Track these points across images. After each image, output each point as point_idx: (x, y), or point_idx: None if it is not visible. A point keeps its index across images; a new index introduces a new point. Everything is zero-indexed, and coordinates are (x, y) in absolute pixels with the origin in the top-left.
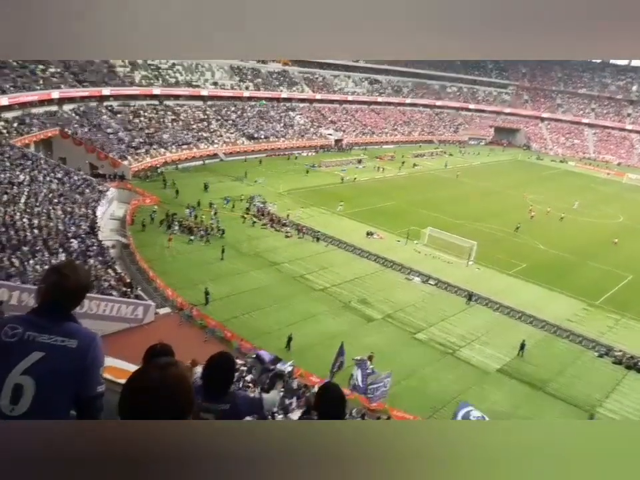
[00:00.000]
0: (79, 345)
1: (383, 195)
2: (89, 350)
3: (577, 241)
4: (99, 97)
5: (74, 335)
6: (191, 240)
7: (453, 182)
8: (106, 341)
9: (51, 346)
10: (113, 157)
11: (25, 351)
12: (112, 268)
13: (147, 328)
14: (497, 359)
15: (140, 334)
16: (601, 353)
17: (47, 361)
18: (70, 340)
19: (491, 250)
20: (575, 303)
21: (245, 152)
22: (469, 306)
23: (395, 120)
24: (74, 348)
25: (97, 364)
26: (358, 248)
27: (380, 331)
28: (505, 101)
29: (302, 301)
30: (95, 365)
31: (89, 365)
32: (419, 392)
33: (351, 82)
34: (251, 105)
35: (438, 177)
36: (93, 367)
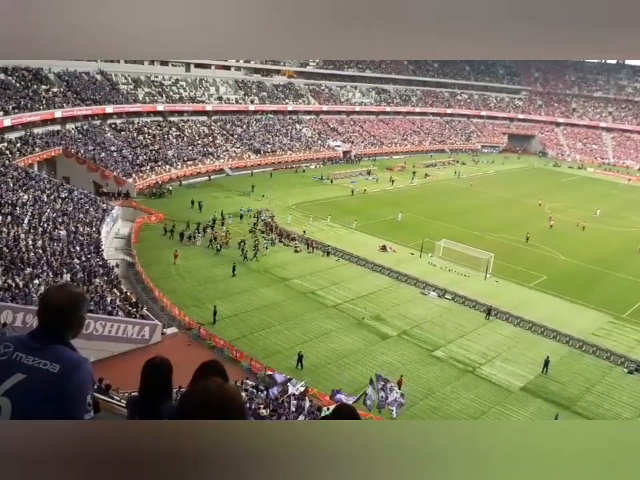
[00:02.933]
0: (60, 370)
1: (394, 207)
2: (72, 376)
3: (600, 250)
4: (102, 115)
5: (58, 360)
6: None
7: (467, 192)
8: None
9: (34, 368)
10: (117, 174)
11: (10, 371)
12: (117, 287)
13: (154, 349)
14: (519, 376)
15: (147, 355)
16: (631, 369)
17: (27, 384)
18: (53, 364)
19: (510, 261)
20: (600, 316)
21: (252, 166)
22: (488, 321)
23: (404, 129)
24: (55, 373)
25: (81, 391)
26: (370, 262)
27: (395, 348)
28: (518, 106)
29: (313, 318)
30: (79, 391)
31: (71, 391)
32: (438, 412)
33: (357, 92)
34: (256, 119)
35: (451, 186)
36: (76, 392)
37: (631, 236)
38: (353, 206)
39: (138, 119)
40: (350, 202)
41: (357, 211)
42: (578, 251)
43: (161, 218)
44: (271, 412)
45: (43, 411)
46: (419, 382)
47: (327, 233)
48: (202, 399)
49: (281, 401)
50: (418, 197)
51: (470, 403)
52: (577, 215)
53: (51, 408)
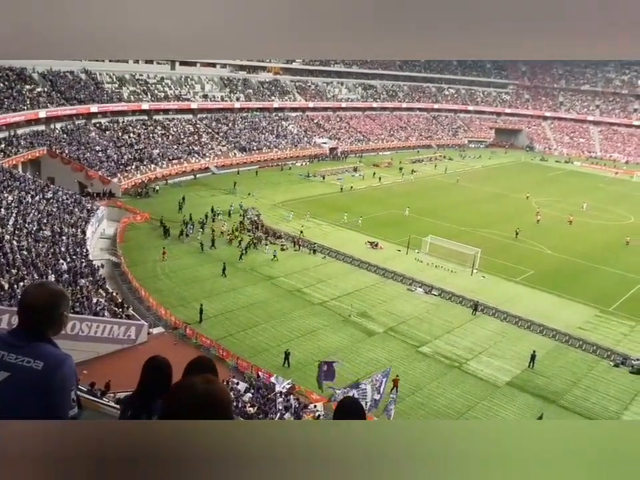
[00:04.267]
0: (44, 366)
1: (381, 203)
2: (55, 372)
3: (587, 244)
4: (86, 115)
5: (41, 357)
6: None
7: (454, 187)
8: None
9: (17, 366)
10: (102, 174)
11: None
12: (103, 288)
13: (141, 349)
14: (506, 371)
15: (133, 355)
16: (617, 362)
17: (11, 382)
18: (36, 361)
19: (496, 257)
20: (586, 310)
21: (238, 164)
22: (475, 316)
23: (391, 125)
24: (39, 370)
25: (65, 387)
26: (357, 259)
27: (382, 345)
28: (505, 101)
29: (300, 316)
30: (63, 388)
31: (56, 387)
32: (425, 408)
33: (344, 88)
34: (242, 117)
35: (438, 182)
36: (60, 390)
37: (617, 229)
38: (340, 203)
39: (123, 117)
40: (337, 199)
41: (344, 208)
42: (564, 245)
43: (146, 218)
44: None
45: (28, 408)
46: (405, 378)
47: (313, 231)
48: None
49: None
50: (405, 193)
51: (456, 398)
52: (563, 209)
53: (36, 405)
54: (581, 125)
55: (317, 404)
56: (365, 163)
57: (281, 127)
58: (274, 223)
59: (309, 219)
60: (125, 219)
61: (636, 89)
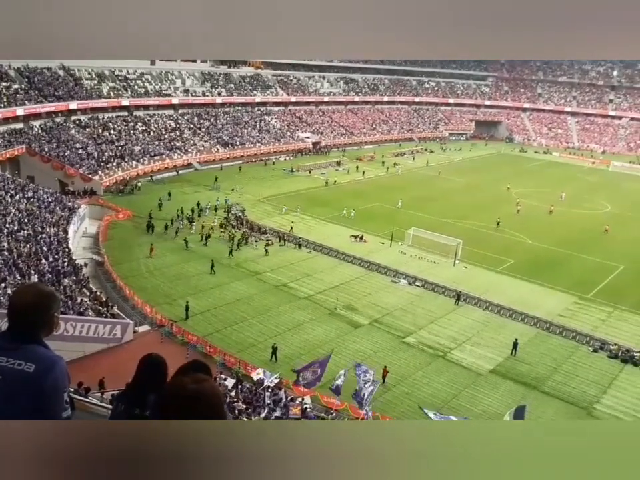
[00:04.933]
0: (36, 369)
1: (364, 197)
2: (48, 375)
3: (565, 233)
4: (66, 112)
5: (33, 359)
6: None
7: (436, 180)
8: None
9: (8, 369)
10: (83, 172)
11: None
12: (87, 287)
13: (127, 347)
14: (489, 359)
15: (119, 354)
16: (596, 348)
17: (2, 385)
18: (28, 364)
19: (478, 247)
20: (566, 298)
21: (221, 160)
22: (457, 306)
23: (373, 119)
24: (30, 372)
25: (58, 389)
26: (342, 253)
27: (368, 336)
28: (485, 93)
29: (286, 310)
30: (55, 390)
31: (48, 390)
32: (410, 398)
33: (326, 82)
34: (224, 111)
35: (420, 175)
36: (53, 392)
37: (595, 218)
38: (324, 197)
39: (103, 114)
40: (322, 193)
41: (328, 202)
42: (544, 235)
43: (128, 215)
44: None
45: (21, 411)
46: (391, 369)
47: (299, 225)
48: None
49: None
50: (388, 186)
51: (441, 387)
52: (543, 199)
53: (29, 407)
54: (559, 116)
55: (305, 397)
56: (348, 157)
57: (264, 122)
58: (259, 219)
59: (299, 213)
60: (107, 216)
61: (611, 80)
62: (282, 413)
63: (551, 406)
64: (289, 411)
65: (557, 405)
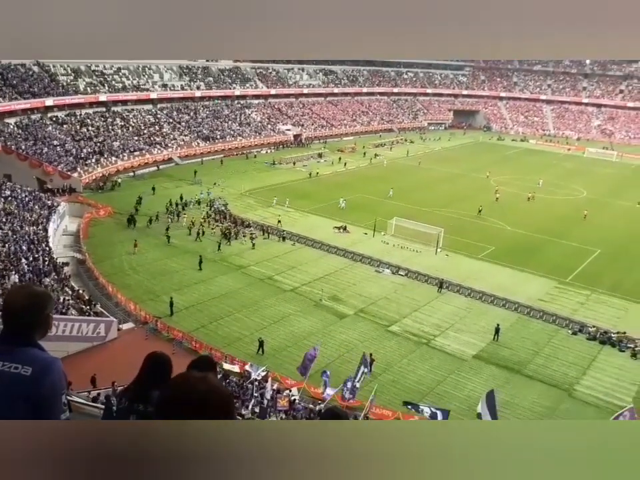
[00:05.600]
0: (33, 372)
1: (346, 188)
2: (45, 377)
3: (543, 219)
4: (42, 109)
5: (29, 362)
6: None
7: (416, 169)
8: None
9: (4, 373)
10: (61, 169)
11: None
12: (68, 286)
13: (111, 345)
14: (472, 345)
15: (104, 352)
16: (575, 330)
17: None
18: (25, 367)
19: (459, 235)
20: (545, 282)
21: (201, 154)
22: (440, 294)
23: (353, 110)
24: (27, 375)
25: (56, 391)
26: (326, 244)
27: (353, 326)
28: (462, 83)
29: (272, 303)
30: (53, 392)
31: (46, 392)
32: (397, 385)
33: (305, 74)
34: (203, 105)
35: (401, 165)
36: (51, 394)
37: (572, 204)
38: (307, 190)
39: (80, 110)
40: (304, 186)
41: (310, 195)
42: (523, 221)
43: (109, 212)
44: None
45: (19, 414)
46: (376, 357)
47: (282, 218)
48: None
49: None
50: (369, 177)
51: (426, 374)
52: (521, 187)
53: (27, 411)
54: (535, 104)
55: (292, 389)
56: (330, 149)
57: (244, 115)
58: (242, 212)
59: (287, 205)
60: (88, 214)
61: (584, 68)
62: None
63: (533, 389)
64: (277, 403)
65: (539, 388)
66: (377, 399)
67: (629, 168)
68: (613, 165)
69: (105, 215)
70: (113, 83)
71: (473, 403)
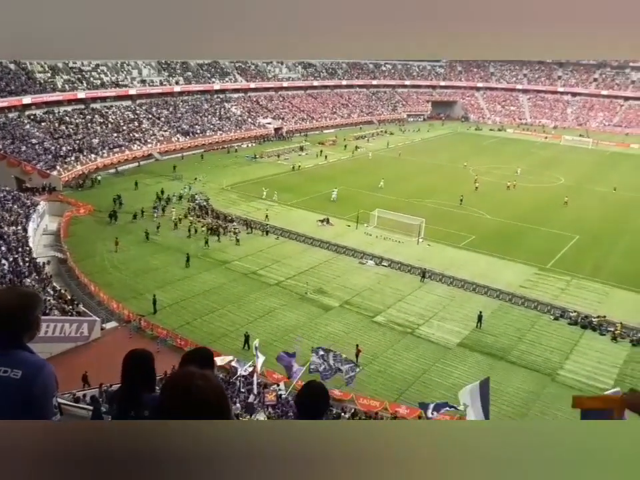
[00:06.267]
0: (23, 375)
1: (329, 181)
2: (35, 380)
3: (522, 207)
4: (19, 107)
5: (19, 365)
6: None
7: (397, 161)
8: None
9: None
10: (40, 168)
11: None
12: (50, 286)
13: (95, 345)
14: (456, 333)
15: (88, 352)
16: (556, 316)
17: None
18: (14, 370)
19: (440, 225)
20: (526, 269)
21: (182, 149)
22: (423, 283)
23: (332, 103)
24: (17, 379)
25: (47, 394)
26: (309, 237)
27: (339, 318)
28: (440, 74)
29: (257, 298)
30: (44, 394)
31: (37, 395)
32: (383, 375)
33: (284, 68)
34: (182, 100)
35: (381, 157)
36: (42, 397)
37: (550, 191)
38: (289, 183)
39: (58, 108)
40: (286, 179)
41: (293, 188)
42: (503, 210)
43: (90, 210)
44: None
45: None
46: (363, 348)
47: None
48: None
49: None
50: (351, 170)
51: (412, 363)
52: (500, 175)
53: (18, 414)
54: (511, 94)
55: (280, 383)
56: (311, 142)
57: (224, 109)
58: (224, 207)
59: (276, 198)
60: (68, 212)
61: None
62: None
63: (518, 374)
64: (265, 398)
65: (523, 374)
66: (365, 389)
67: (604, 155)
68: (588, 152)
69: (85, 213)
70: (91, 80)
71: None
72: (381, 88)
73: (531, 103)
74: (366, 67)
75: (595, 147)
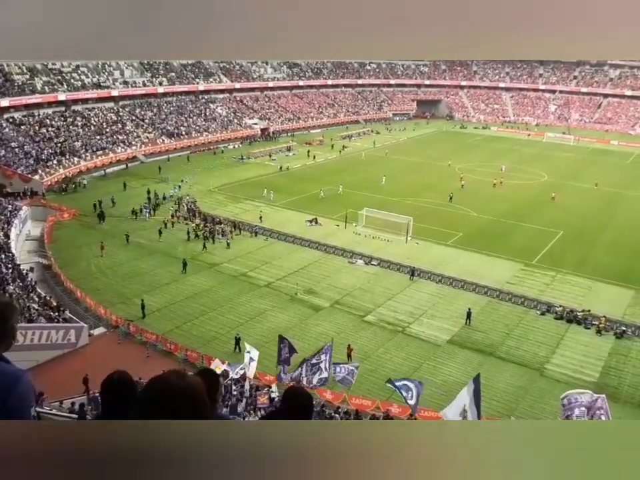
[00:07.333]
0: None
1: (317, 181)
2: (12, 390)
3: (507, 204)
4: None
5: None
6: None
7: (383, 160)
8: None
9: None
10: (21, 172)
11: None
12: (35, 292)
13: (83, 352)
14: (445, 330)
15: (76, 359)
16: (543, 311)
17: None
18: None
19: (427, 223)
20: (512, 265)
21: (167, 151)
22: (412, 281)
23: (318, 103)
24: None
25: (24, 405)
26: (298, 238)
27: (330, 318)
28: (424, 73)
29: (247, 300)
30: (22, 406)
31: (14, 406)
32: (375, 375)
33: (269, 68)
34: (167, 101)
35: (368, 156)
36: (19, 409)
37: (534, 188)
38: (277, 184)
39: (38, 110)
40: (274, 180)
41: (281, 189)
42: (488, 207)
43: (74, 214)
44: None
45: None
46: (354, 347)
47: (253, 213)
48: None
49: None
50: (338, 169)
51: (403, 361)
52: (485, 173)
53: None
54: (494, 92)
55: (272, 385)
56: (298, 142)
57: (209, 110)
58: (211, 209)
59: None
60: (51, 217)
61: None
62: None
63: (507, 370)
64: (257, 400)
65: (511, 369)
66: (357, 388)
67: (586, 151)
68: (570, 149)
69: (69, 217)
70: (71, 82)
71: (449, 388)
72: (366, 87)
73: (513, 100)
74: (351, 66)
75: (577, 143)
